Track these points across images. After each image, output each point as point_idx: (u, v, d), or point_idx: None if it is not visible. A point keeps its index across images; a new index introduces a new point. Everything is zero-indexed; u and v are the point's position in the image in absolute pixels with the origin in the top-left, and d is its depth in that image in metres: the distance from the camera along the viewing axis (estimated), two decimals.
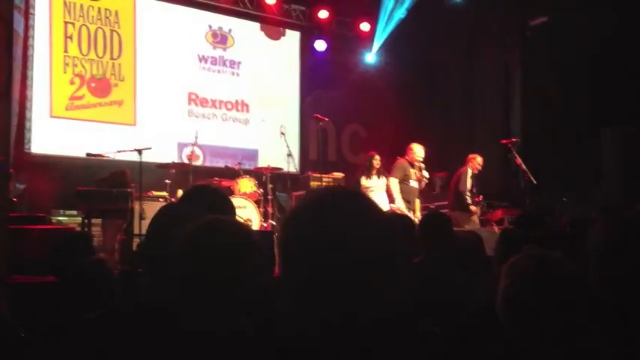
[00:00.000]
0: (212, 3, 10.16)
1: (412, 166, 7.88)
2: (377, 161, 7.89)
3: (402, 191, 7.73)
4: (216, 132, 9.93)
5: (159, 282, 1.68)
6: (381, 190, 7.81)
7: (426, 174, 7.94)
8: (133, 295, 1.79)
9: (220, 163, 9.65)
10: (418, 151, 7.91)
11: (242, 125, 10.42)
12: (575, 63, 9.08)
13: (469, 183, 8.24)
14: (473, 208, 8.21)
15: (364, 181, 7.84)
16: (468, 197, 8.15)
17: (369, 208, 1.06)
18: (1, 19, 4.26)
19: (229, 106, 10.32)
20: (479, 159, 8.36)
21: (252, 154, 10.35)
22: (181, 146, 9.47)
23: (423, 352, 1.14)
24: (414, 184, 7.86)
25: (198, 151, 9.49)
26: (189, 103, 9.88)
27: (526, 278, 1.39)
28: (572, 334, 1.30)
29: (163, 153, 7.98)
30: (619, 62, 8.49)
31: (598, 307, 1.38)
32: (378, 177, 7.88)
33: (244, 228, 1.64)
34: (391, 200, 7.75)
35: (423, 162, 7.90)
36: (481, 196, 8.49)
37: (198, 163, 9.56)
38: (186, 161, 8.65)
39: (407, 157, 7.98)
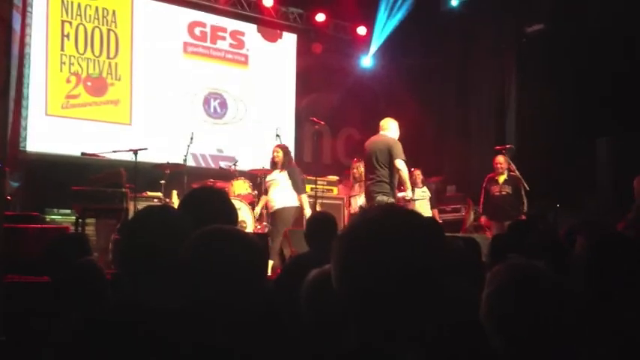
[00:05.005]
0: (210, 4, 10.18)
1: None
2: (357, 170, 7.69)
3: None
4: None
5: (140, 282, 1.68)
6: (359, 197, 7.69)
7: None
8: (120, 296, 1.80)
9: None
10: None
11: None
12: (570, 71, 9.10)
13: None
14: None
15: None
16: None
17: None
18: (0, 20, 4.27)
19: None
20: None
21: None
22: None
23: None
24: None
25: None
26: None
27: (506, 287, 1.41)
28: (553, 344, 1.33)
29: (159, 153, 7.96)
30: (615, 71, 8.52)
31: (583, 316, 1.41)
32: (360, 186, 7.78)
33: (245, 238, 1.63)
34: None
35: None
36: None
37: None
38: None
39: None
